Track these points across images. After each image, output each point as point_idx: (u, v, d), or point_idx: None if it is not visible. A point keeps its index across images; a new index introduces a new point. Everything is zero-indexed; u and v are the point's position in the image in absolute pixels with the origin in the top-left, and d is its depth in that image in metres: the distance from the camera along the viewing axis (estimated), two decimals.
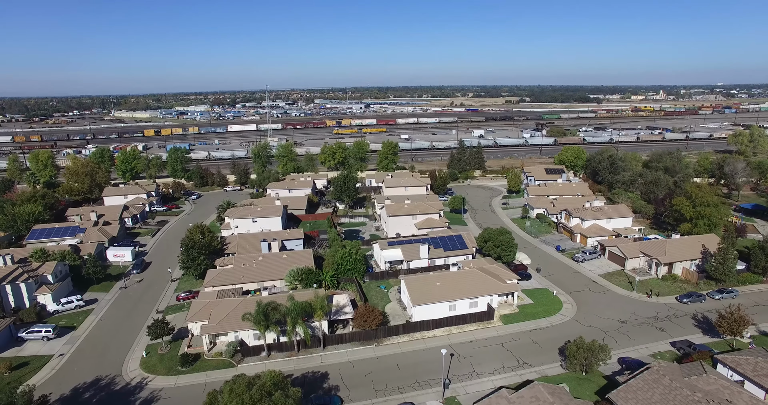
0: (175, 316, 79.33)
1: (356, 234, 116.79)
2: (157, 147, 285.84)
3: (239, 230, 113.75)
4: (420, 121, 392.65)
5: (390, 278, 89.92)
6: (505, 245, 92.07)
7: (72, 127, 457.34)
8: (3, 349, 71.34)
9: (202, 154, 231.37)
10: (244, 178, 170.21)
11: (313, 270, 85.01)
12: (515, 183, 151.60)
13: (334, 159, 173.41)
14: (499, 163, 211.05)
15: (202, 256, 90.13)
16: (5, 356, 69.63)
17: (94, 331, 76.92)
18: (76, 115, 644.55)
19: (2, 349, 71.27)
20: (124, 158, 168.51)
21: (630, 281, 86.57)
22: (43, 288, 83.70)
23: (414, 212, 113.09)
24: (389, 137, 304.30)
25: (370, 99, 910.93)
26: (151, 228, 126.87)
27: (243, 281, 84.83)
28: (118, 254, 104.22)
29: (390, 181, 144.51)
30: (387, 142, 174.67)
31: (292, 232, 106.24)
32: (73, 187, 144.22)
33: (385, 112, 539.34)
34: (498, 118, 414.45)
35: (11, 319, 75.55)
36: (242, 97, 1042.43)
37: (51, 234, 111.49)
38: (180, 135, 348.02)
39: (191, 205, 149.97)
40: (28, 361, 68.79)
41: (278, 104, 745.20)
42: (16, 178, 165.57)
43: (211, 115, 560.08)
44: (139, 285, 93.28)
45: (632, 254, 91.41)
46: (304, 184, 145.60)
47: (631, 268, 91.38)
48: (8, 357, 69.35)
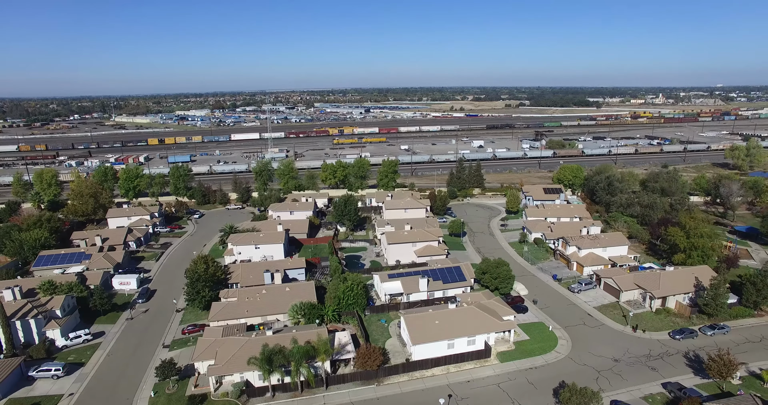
0: (181, 351, 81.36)
1: (357, 260, 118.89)
2: (158, 157, 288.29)
3: (242, 256, 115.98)
4: (422, 130, 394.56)
5: (390, 311, 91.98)
6: (503, 277, 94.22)
7: (73, 133, 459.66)
8: (14, 389, 73.02)
9: (203, 168, 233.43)
10: (245, 196, 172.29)
11: (316, 304, 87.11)
12: (514, 203, 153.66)
13: (335, 177, 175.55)
14: (498, 177, 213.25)
15: (206, 289, 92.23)
16: (17, 397, 71.54)
17: (103, 368, 78.86)
18: (77, 119, 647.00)
19: (14, 389, 72.95)
20: (126, 177, 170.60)
21: (624, 315, 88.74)
22: (52, 323, 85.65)
23: (414, 240, 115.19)
24: (389, 147, 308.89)
25: (370, 102, 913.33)
26: (155, 251, 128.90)
27: (247, 315, 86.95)
28: (123, 282, 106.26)
29: (390, 202, 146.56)
30: (387, 161, 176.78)
31: (295, 261, 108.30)
32: (77, 208, 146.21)
33: (385, 119, 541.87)
34: (498, 126, 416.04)
35: (22, 357, 77.51)
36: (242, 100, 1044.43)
37: (57, 261, 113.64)
38: (182, 144, 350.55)
39: (194, 225, 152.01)
40: (39, 402, 70.54)
41: (278, 108, 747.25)
42: (21, 197, 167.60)
43: (212, 120, 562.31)
44: (145, 316, 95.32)
45: (627, 287, 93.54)
46: (306, 205, 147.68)
47: (625, 301, 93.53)
48: (19, 398, 71.25)
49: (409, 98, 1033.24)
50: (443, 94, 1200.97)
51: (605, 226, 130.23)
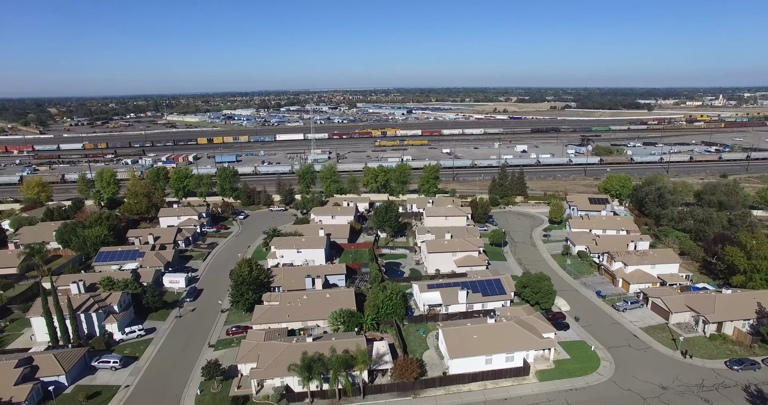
0: (225, 352, 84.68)
1: (396, 267, 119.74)
2: (206, 157, 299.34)
3: (284, 260, 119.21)
4: (465, 133, 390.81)
5: (429, 322, 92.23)
6: (544, 292, 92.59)
7: (129, 131, 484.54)
8: (80, 376, 78.62)
9: (248, 169, 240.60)
10: (288, 198, 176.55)
11: (355, 312, 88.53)
12: (557, 213, 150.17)
13: (376, 182, 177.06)
14: (541, 184, 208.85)
15: (250, 292, 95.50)
16: (82, 384, 76.90)
17: (154, 363, 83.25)
18: (133, 118, 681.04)
19: (80, 376, 78.57)
20: (177, 177, 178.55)
21: (674, 339, 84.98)
22: (111, 317, 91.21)
23: (454, 249, 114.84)
24: (431, 150, 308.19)
25: (412, 103, 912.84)
26: (202, 251, 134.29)
27: (288, 320, 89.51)
28: (173, 281, 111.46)
29: (431, 209, 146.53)
30: (429, 166, 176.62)
31: (335, 267, 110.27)
32: (132, 206, 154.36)
33: (427, 120, 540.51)
34: (543, 129, 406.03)
35: (86, 348, 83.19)
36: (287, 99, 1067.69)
37: (115, 257, 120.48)
38: (229, 144, 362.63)
39: (239, 226, 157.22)
40: (100, 391, 75.60)
41: (321, 108, 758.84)
42: (84, 195, 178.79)
43: (257, 120, 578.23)
44: (193, 314, 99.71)
45: (678, 308, 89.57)
46: (347, 210, 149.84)
47: (675, 323, 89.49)
48: (84, 385, 76.60)
49: (451, 99, 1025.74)
50: (486, 95, 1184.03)
51: (654, 241, 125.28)
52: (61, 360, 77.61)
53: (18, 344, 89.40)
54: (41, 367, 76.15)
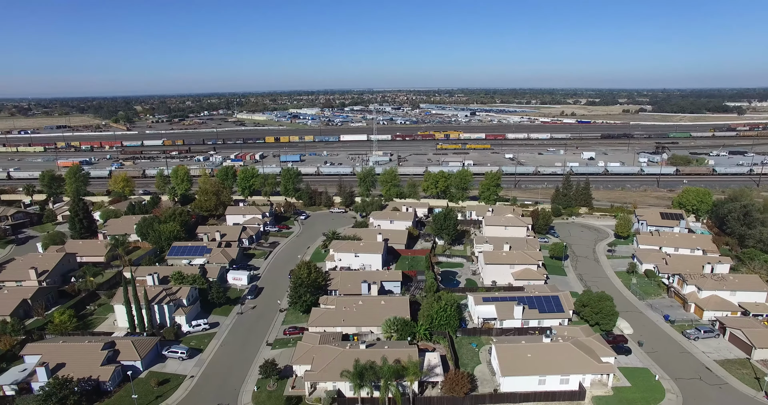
0: (282, 351, 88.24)
1: (452, 276, 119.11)
2: (272, 156, 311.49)
3: (342, 263, 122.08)
4: (530, 137, 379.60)
5: (482, 335, 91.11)
6: (605, 313, 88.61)
7: (203, 129, 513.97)
8: (152, 363, 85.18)
9: (311, 169, 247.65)
10: (349, 200, 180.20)
11: (408, 321, 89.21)
12: (624, 228, 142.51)
13: (436, 187, 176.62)
14: (608, 195, 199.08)
15: (308, 294, 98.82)
16: (154, 371, 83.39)
17: (217, 356, 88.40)
18: (206, 116, 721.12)
19: (152, 363, 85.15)
20: (244, 176, 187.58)
21: (757, 377, 77.58)
22: (179, 310, 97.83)
23: (512, 262, 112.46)
24: (493, 155, 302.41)
25: (476, 104, 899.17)
26: (264, 250, 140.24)
27: (343, 324, 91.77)
28: (236, 278, 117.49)
29: (490, 218, 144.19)
30: (490, 174, 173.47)
31: (391, 273, 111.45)
32: (202, 203, 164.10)
33: (491, 123, 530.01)
34: (614, 135, 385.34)
35: (158, 337, 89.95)
36: (351, 99, 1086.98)
37: (185, 252, 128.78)
38: (294, 143, 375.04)
39: (300, 226, 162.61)
40: (169, 379, 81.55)
41: (384, 109, 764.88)
42: (161, 190, 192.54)
43: (321, 119, 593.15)
44: (253, 312, 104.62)
45: (763, 343, 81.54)
46: (406, 215, 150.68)
47: (760, 360, 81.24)
48: (156, 372, 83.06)
49: (516, 101, 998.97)
50: (553, 96, 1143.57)
51: (737, 265, 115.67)
52: (138, 347, 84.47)
53: (103, 327, 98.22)
54: (122, 352, 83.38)
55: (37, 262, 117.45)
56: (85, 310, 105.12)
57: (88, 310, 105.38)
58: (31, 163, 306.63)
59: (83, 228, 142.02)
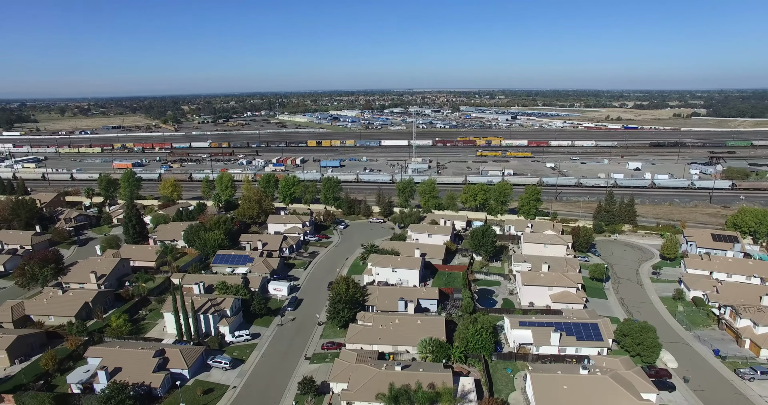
0: (320, 367, 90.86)
1: (489, 295, 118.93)
2: (312, 160, 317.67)
3: (380, 277, 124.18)
4: (574, 145, 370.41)
5: (518, 360, 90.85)
6: (647, 345, 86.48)
7: (246, 130, 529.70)
8: (198, 372, 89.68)
9: (350, 176, 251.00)
10: (387, 210, 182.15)
11: (444, 343, 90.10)
12: (671, 249, 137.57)
13: (475, 200, 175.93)
14: (654, 210, 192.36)
15: (346, 310, 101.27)
16: (200, 379, 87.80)
17: (258, 368, 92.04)
18: (249, 117, 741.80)
19: (198, 372, 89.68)
20: (285, 184, 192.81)
21: None
22: (223, 320, 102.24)
23: (550, 284, 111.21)
24: (534, 163, 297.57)
25: (517, 107, 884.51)
26: (304, 260, 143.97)
27: (379, 342, 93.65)
28: (277, 288, 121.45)
29: (529, 235, 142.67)
30: (530, 187, 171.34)
31: (428, 291, 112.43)
32: (245, 211, 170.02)
33: (532, 128, 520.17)
34: (665, 144, 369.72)
35: (204, 347, 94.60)
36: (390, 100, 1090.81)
37: (229, 260, 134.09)
38: (335, 147, 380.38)
39: (339, 236, 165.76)
40: (213, 388, 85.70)
41: (424, 111, 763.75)
42: (206, 195, 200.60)
43: (361, 121, 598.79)
44: (293, 324, 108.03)
45: None
46: (444, 229, 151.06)
47: None
48: (201, 380, 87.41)
49: (559, 103, 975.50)
50: (599, 99, 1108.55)
51: None
52: (185, 356, 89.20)
53: (154, 333, 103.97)
54: (171, 360, 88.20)
55: (96, 266, 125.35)
56: (137, 315, 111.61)
57: (140, 315, 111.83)
58: (90, 163, 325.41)
59: (136, 233, 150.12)
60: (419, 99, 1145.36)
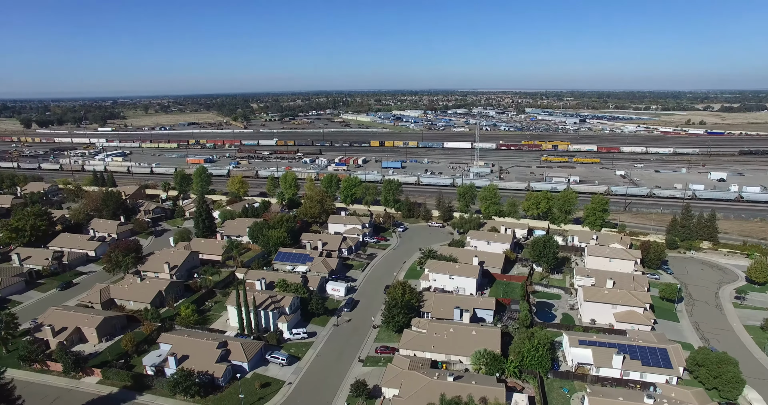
0: (372, 370, 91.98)
1: (548, 309, 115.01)
2: (374, 161, 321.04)
3: (436, 284, 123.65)
4: (648, 152, 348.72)
5: (575, 380, 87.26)
6: (727, 379, 79.80)
7: (310, 129, 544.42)
8: (256, 366, 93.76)
9: (411, 179, 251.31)
10: (447, 215, 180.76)
11: (498, 357, 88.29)
12: (760, 271, 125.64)
13: (537, 208, 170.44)
14: (740, 227, 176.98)
15: (401, 315, 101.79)
16: (258, 373, 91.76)
17: (313, 366, 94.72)
18: (314, 115, 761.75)
19: (256, 365, 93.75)
20: (347, 185, 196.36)
21: None
22: (282, 317, 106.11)
23: (615, 301, 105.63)
24: (602, 170, 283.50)
25: (587, 109, 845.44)
26: (362, 261, 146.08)
27: (433, 351, 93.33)
28: (334, 289, 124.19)
29: (593, 248, 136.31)
30: (597, 197, 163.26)
31: (485, 301, 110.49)
32: (307, 210, 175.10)
33: (602, 132, 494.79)
34: (758, 152, 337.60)
35: (263, 342, 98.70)
36: (454, 100, 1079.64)
37: (290, 258, 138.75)
38: (398, 148, 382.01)
39: (397, 239, 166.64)
40: (270, 382, 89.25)
41: (488, 112, 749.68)
42: (271, 193, 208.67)
43: (424, 122, 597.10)
44: (348, 325, 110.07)
45: None
46: (504, 237, 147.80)
47: None
48: (260, 374, 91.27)
49: (633, 106, 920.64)
50: (679, 101, 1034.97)
51: None
52: (246, 349, 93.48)
53: (218, 325, 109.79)
54: (232, 352, 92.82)
55: (169, 258, 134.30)
56: (203, 306, 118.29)
57: (206, 306, 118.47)
58: (167, 158, 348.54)
59: (205, 228, 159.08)
60: (483, 100, 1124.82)
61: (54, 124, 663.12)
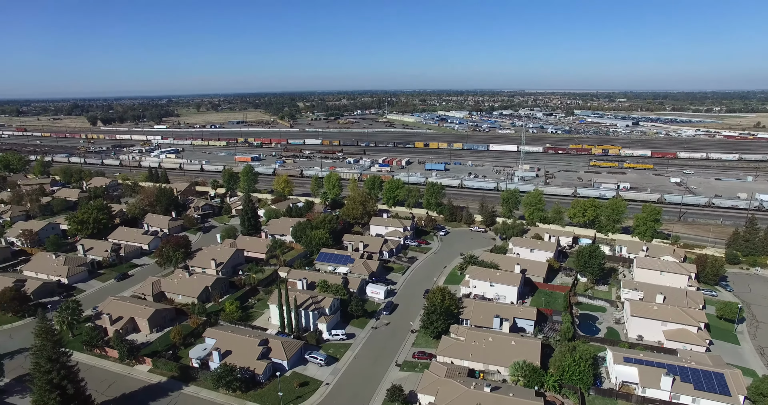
0: (409, 375, 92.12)
1: (592, 322, 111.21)
2: (417, 163, 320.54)
3: (477, 290, 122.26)
4: (709, 157, 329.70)
5: (619, 399, 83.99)
6: None
7: (355, 129, 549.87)
8: (295, 365, 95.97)
9: (454, 181, 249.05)
10: (489, 220, 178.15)
11: (538, 369, 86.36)
12: None
13: (584, 216, 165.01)
14: None
15: (440, 321, 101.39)
16: (297, 372, 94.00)
17: (350, 368, 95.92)
18: (359, 115, 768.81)
19: (295, 364, 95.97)
20: (390, 187, 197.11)
21: None
22: (322, 318, 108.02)
23: (665, 318, 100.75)
24: (656, 177, 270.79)
25: (641, 111, 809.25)
26: (403, 264, 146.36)
27: (470, 359, 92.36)
28: (374, 291, 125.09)
29: (643, 260, 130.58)
30: (648, 206, 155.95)
31: (525, 311, 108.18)
32: (350, 212, 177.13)
33: (657, 136, 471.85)
34: None
35: (302, 342, 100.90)
36: (500, 101, 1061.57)
37: (332, 259, 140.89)
38: (442, 150, 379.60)
39: (439, 243, 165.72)
40: (308, 382, 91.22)
41: (535, 114, 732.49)
42: (314, 193, 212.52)
43: (469, 123, 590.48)
44: (387, 328, 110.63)
45: None
46: (547, 245, 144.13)
47: None
48: (298, 374, 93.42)
49: (693, 107, 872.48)
50: (747, 102, 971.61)
51: None
52: (286, 348, 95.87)
53: (259, 322, 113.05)
54: (273, 350, 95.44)
55: (216, 254, 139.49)
56: (247, 303, 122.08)
57: (249, 303, 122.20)
58: (217, 156, 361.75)
59: (250, 226, 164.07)
60: (530, 101, 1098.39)
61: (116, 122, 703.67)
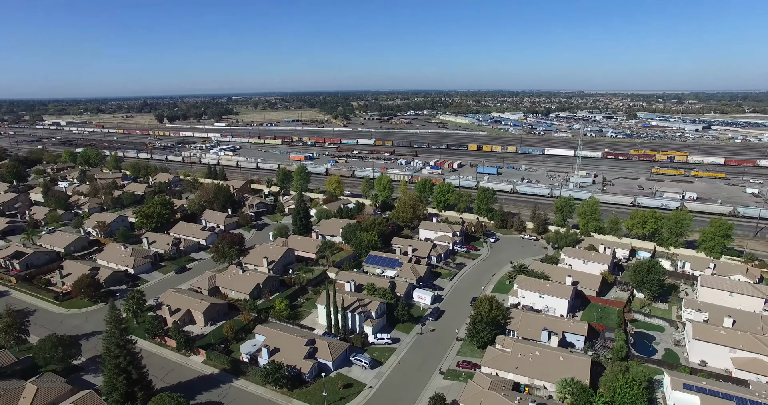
0: (452, 384, 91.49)
1: (648, 341, 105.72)
2: (469, 166, 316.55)
3: (525, 301, 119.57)
4: None
5: None
6: None
7: (407, 129, 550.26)
8: (340, 366, 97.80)
9: (506, 187, 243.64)
10: (542, 228, 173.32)
11: (587, 388, 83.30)
12: None
13: (643, 228, 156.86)
14: None
15: (486, 331, 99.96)
16: (341, 373, 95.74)
17: (394, 372, 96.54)
18: (411, 115, 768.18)
19: (340, 366, 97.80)
20: (440, 191, 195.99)
21: None
22: (368, 321, 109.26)
23: (734, 345, 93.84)
24: (728, 187, 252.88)
25: (713, 114, 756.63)
26: (450, 270, 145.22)
27: (516, 372, 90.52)
28: (421, 296, 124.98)
29: (709, 278, 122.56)
30: (717, 221, 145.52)
31: (576, 326, 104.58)
32: (399, 215, 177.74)
33: (732, 142, 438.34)
34: None
35: (348, 344, 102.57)
36: (557, 103, 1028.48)
37: (380, 262, 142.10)
38: (495, 153, 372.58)
39: (488, 249, 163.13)
40: (352, 384, 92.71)
41: (594, 117, 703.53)
42: (365, 195, 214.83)
43: (524, 126, 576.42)
44: (432, 335, 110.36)
45: None
46: (602, 258, 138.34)
47: None
48: (343, 375, 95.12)
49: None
50: None
51: None
52: (332, 348, 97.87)
53: (307, 321, 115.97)
54: (319, 350, 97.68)
55: (268, 252, 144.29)
56: (296, 302, 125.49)
57: (298, 302, 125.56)
58: (272, 154, 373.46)
59: (302, 225, 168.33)
60: (590, 102, 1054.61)
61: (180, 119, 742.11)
